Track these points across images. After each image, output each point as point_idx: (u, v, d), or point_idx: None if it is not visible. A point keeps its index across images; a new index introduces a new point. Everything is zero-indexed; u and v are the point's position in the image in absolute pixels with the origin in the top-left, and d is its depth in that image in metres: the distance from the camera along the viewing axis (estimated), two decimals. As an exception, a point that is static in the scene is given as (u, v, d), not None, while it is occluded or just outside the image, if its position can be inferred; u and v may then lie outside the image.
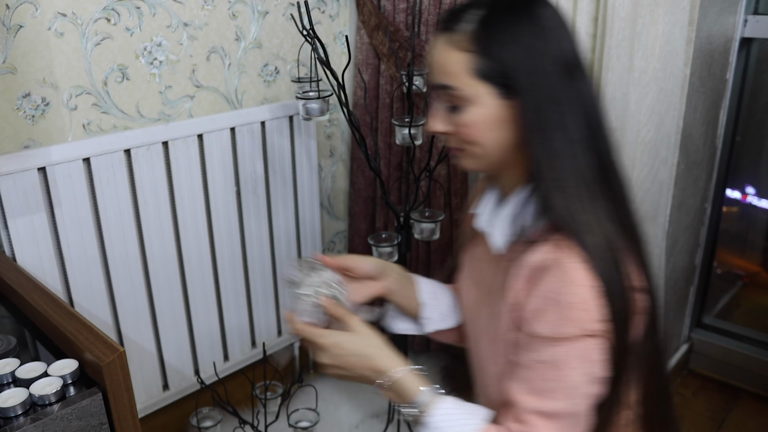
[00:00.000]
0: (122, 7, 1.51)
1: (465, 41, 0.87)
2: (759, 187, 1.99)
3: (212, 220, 1.79)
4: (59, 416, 0.94)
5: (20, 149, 1.43)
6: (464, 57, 0.87)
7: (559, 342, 0.84)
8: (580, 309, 0.82)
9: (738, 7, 1.79)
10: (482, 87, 0.87)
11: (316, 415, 1.83)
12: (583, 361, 0.84)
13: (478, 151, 0.92)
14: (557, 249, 0.84)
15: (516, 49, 0.85)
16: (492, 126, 0.89)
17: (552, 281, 0.83)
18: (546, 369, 0.85)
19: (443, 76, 0.90)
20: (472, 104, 0.88)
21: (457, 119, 0.90)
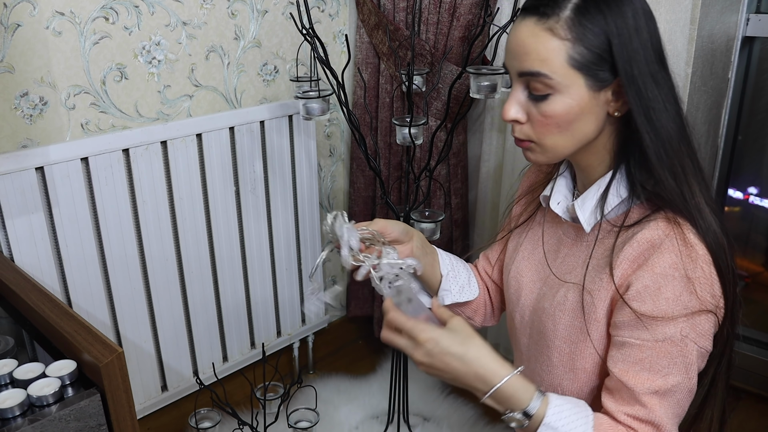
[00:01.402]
0: (121, 6, 1.50)
1: (561, 28, 0.85)
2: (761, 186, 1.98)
3: (211, 220, 1.79)
4: (57, 417, 0.93)
5: (18, 149, 1.42)
6: (560, 45, 0.85)
7: (677, 319, 0.86)
8: (703, 283, 0.85)
9: (740, 6, 1.79)
10: (575, 77, 0.86)
11: (316, 415, 1.83)
12: (700, 335, 0.87)
13: (549, 143, 0.92)
14: (670, 226, 0.87)
15: (612, 38, 0.85)
16: (575, 117, 0.89)
17: (670, 257, 0.86)
18: (663, 346, 0.87)
19: (535, 62, 0.87)
20: (560, 93, 0.87)
21: (540, 108, 0.89)
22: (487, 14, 1.62)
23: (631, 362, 0.89)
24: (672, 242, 0.86)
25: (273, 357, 2.02)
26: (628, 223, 0.92)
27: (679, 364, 0.87)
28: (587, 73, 0.86)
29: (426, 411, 2.01)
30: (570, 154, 0.94)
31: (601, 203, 0.94)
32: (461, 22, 1.75)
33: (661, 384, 0.87)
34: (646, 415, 0.88)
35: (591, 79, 0.87)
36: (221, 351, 1.93)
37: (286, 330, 2.09)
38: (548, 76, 0.86)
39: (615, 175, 0.94)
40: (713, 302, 0.87)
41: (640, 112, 0.87)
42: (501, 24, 1.56)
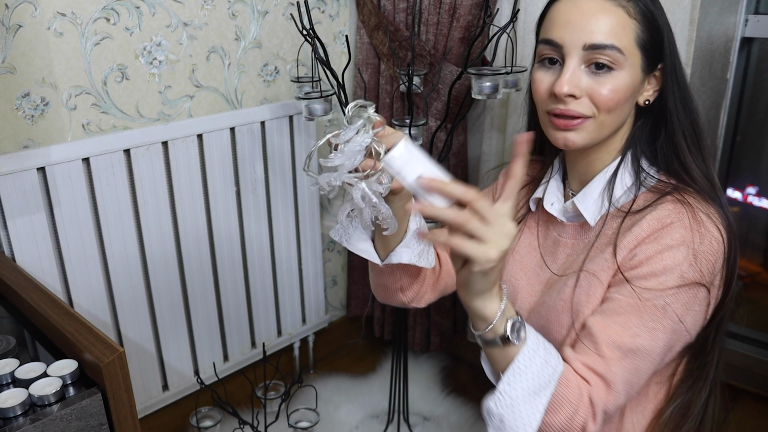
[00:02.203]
0: (122, 7, 1.50)
1: (632, 8, 0.89)
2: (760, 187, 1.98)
3: (212, 220, 1.79)
4: (59, 417, 0.94)
5: (19, 149, 1.43)
6: (630, 22, 0.89)
7: (668, 284, 0.86)
8: (708, 259, 0.87)
9: (739, 7, 1.79)
10: (638, 56, 0.90)
11: (316, 415, 1.83)
12: (685, 308, 0.87)
13: (605, 121, 0.91)
14: (680, 206, 0.89)
15: (663, 23, 0.92)
16: (629, 95, 0.91)
17: (680, 231, 0.87)
18: (642, 306, 0.87)
19: (608, 35, 0.87)
20: (623, 70, 0.89)
21: (603, 82, 0.89)
22: (487, 15, 1.62)
23: (606, 314, 0.88)
24: (682, 219, 0.88)
25: (273, 357, 2.02)
26: (636, 208, 0.93)
27: (651, 329, 0.86)
28: (646, 54, 0.91)
29: (426, 410, 2.01)
30: (609, 134, 0.94)
31: (608, 191, 0.96)
32: (461, 22, 1.75)
33: (627, 341, 0.85)
34: (601, 367, 0.85)
35: (647, 61, 0.91)
36: (222, 350, 1.93)
37: (286, 330, 2.09)
38: (620, 50, 0.88)
39: (621, 164, 0.96)
40: (710, 277, 0.88)
41: (677, 99, 0.93)
42: (501, 25, 1.56)
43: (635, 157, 0.96)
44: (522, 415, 0.80)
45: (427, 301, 1.14)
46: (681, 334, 0.89)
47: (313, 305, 2.16)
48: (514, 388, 0.80)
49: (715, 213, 0.90)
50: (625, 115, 0.94)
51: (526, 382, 0.80)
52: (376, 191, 0.77)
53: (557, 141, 0.94)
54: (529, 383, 0.80)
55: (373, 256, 1.00)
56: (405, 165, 0.75)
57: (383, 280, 1.08)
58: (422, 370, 2.16)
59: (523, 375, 0.80)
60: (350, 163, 0.76)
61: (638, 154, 0.96)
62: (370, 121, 0.77)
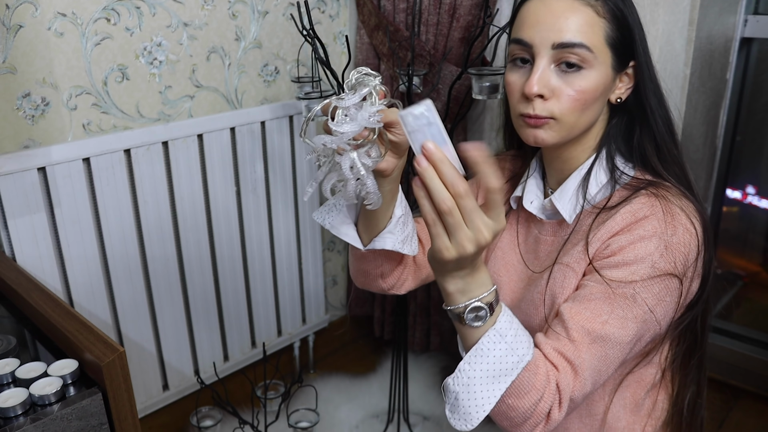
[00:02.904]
0: (122, 7, 1.51)
1: (600, 7, 0.90)
2: (759, 186, 1.99)
3: (212, 220, 1.79)
4: (59, 416, 0.94)
5: (20, 149, 1.43)
6: (599, 21, 0.90)
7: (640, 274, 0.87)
8: (679, 250, 0.87)
9: (738, 7, 1.79)
10: (608, 54, 0.91)
11: (316, 415, 1.83)
12: (656, 299, 0.88)
13: (570, 121, 0.91)
14: (654, 199, 0.90)
15: (634, 21, 0.93)
16: (599, 95, 0.92)
17: (652, 223, 0.88)
18: (613, 294, 0.87)
19: (576, 34, 0.88)
20: (592, 69, 0.90)
21: (571, 81, 0.89)
22: (487, 15, 1.62)
23: (578, 301, 0.88)
24: (655, 212, 0.89)
25: (274, 356, 2.03)
26: (611, 204, 0.93)
27: (621, 318, 0.86)
28: (616, 52, 0.91)
29: (426, 410, 2.01)
30: (576, 135, 0.95)
31: (582, 188, 0.96)
32: (461, 23, 1.76)
33: (597, 328, 0.85)
34: (570, 352, 0.84)
35: (617, 59, 0.91)
36: (222, 350, 1.93)
37: (286, 329, 2.10)
38: (589, 49, 0.88)
39: (596, 161, 0.96)
40: (682, 268, 0.88)
41: (652, 95, 0.95)
42: (500, 25, 1.56)
43: (609, 154, 0.97)
44: (477, 396, 0.79)
45: (407, 288, 1.12)
46: (651, 324, 0.89)
47: (313, 305, 2.16)
48: (473, 369, 0.79)
49: (690, 206, 0.91)
50: (595, 114, 0.94)
51: (486, 365, 0.79)
52: (365, 164, 0.76)
53: (528, 138, 0.94)
54: (489, 367, 0.79)
55: (356, 241, 0.99)
56: (423, 127, 0.71)
57: (364, 265, 1.07)
58: (422, 370, 2.16)
59: (484, 358, 0.79)
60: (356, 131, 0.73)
61: (613, 151, 0.97)
62: (376, 90, 0.75)
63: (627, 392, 1.01)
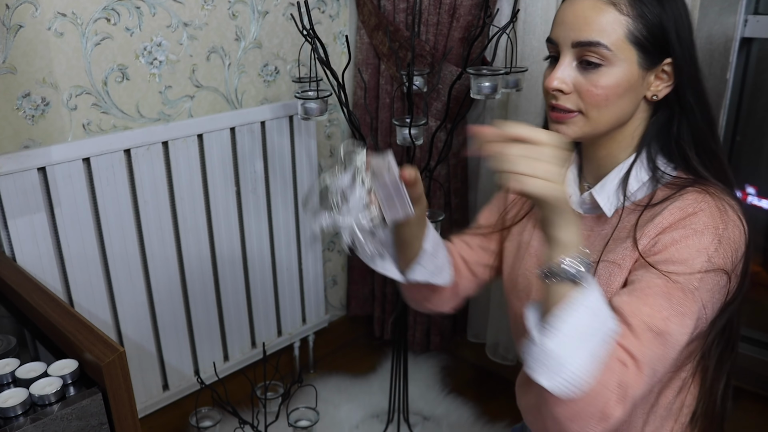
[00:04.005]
0: (122, 7, 1.51)
1: (624, 4, 0.90)
2: (759, 186, 1.98)
3: (212, 219, 1.79)
4: (59, 416, 0.94)
5: (20, 149, 1.43)
6: (621, 18, 0.90)
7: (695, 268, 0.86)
8: (730, 246, 0.88)
9: (738, 7, 1.79)
10: (630, 52, 0.91)
11: (316, 414, 1.83)
12: (709, 294, 0.87)
13: (594, 116, 0.93)
14: (702, 195, 0.90)
15: (670, 17, 0.91)
16: (623, 92, 0.92)
17: (704, 218, 0.88)
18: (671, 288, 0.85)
19: (594, 32, 0.90)
20: (613, 66, 0.91)
21: (591, 78, 0.91)
22: (487, 15, 1.62)
23: (635, 295, 0.86)
24: (706, 207, 0.89)
25: (273, 356, 2.03)
26: (655, 201, 0.93)
27: (680, 314, 0.84)
28: (642, 50, 0.91)
29: (426, 410, 2.01)
30: (605, 132, 0.96)
31: (623, 185, 0.96)
32: (461, 23, 1.76)
33: (659, 324, 0.83)
34: (637, 349, 0.81)
35: (644, 56, 0.91)
36: (222, 350, 1.93)
37: (286, 329, 2.10)
38: (606, 47, 0.90)
39: (636, 160, 0.96)
40: (731, 266, 0.88)
41: (692, 93, 0.94)
42: (500, 25, 1.56)
43: (650, 154, 0.96)
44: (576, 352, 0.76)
45: (451, 307, 1.20)
46: (702, 321, 0.89)
47: (313, 305, 2.16)
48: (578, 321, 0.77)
49: (736, 205, 0.91)
50: (623, 110, 0.94)
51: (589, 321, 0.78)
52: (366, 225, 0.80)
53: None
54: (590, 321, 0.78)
55: (396, 274, 1.08)
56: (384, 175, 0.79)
57: (408, 293, 1.18)
58: (422, 370, 2.16)
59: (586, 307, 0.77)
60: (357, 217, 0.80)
61: (654, 150, 0.96)
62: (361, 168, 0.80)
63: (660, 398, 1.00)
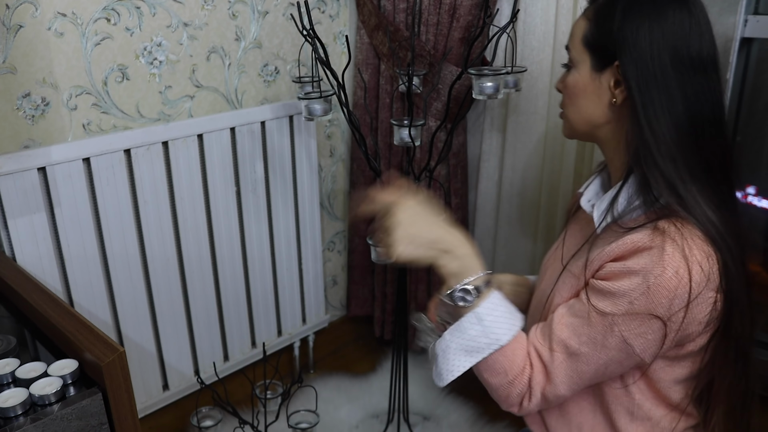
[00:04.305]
0: (122, 7, 1.51)
1: (590, 11, 0.96)
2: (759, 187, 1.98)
3: (212, 220, 1.79)
4: (59, 416, 0.94)
5: (20, 149, 1.43)
6: (583, 23, 0.96)
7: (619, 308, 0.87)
8: (661, 293, 0.84)
9: (738, 7, 1.79)
10: (584, 54, 0.96)
11: (316, 416, 1.83)
12: (634, 334, 0.88)
13: (568, 115, 1.02)
14: (655, 234, 0.87)
15: (625, 20, 0.89)
16: (580, 92, 0.97)
17: (646, 259, 0.86)
18: (594, 317, 0.90)
19: (569, 37, 0.99)
20: (575, 67, 0.98)
21: (563, 78, 1.01)
22: (487, 15, 1.62)
23: (568, 311, 0.94)
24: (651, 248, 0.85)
25: (273, 356, 2.03)
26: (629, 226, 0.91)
27: (596, 342, 0.90)
28: (593, 52, 0.94)
29: (426, 410, 2.01)
30: (584, 133, 1.01)
31: (610, 206, 0.96)
32: (461, 23, 1.75)
33: (573, 345, 0.92)
34: (547, 359, 0.94)
35: (594, 58, 0.94)
36: (222, 350, 1.93)
37: (286, 329, 2.10)
38: (569, 49, 0.98)
39: (627, 180, 0.94)
40: (664, 312, 0.85)
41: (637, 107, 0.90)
42: (501, 25, 1.56)
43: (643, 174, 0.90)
44: (449, 363, 0.95)
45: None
46: (629, 354, 0.90)
47: (313, 305, 2.16)
48: (452, 340, 0.95)
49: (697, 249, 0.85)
50: (586, 111, 0.98)
51: (461, 341, 0.94)
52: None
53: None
54: (464, 342, 0.94)
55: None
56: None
57: None
58: (422, 370, 2.16)
59: (462, 333, 0.94)
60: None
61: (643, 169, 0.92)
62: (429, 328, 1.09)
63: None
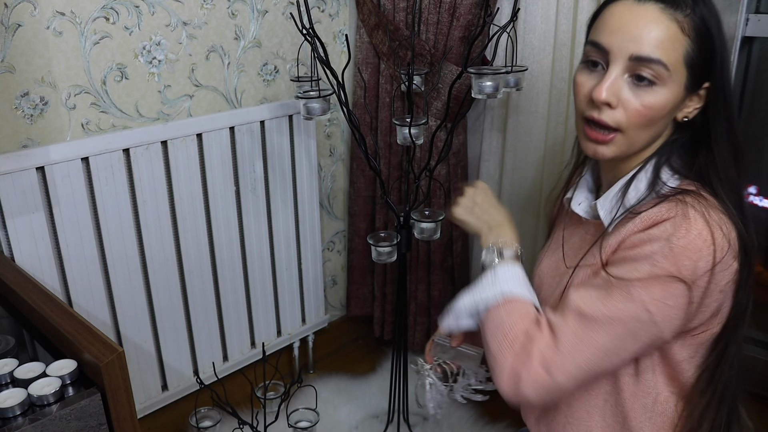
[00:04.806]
0: (121, 6, 1.50)
1: (687, 24, 0.87)
2: (761, 186, 1.98)
3: (211, 219, 1.79)
4: (58, 417, 0.94)
5: (19, 148, 1.42)
6: (683, 39, 0.87)
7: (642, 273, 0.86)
8: (686, 255, 0.84)
9: (739, 6, 1.79)
10: (683, 73, 0.89)
11: (316, 415, 1.83)
12: (654, 299, 0.86)
13: (634, 136, 0.92)
14: (677, 204, 0.87)
15: (720, 42, 0.90)
16: (667, 113, 0.91)
17: (665, 225, 0.86)
18: (612, 284, 0.88)
19: (657, 49, 0.87)
20: (665, 86, 0.88)
21: (642, 96, 0.89)
22: (487, 14, 1.62)
23: (586, 285, 0.94)
24: (671, 215, 0.86)
25: (273, 356, 2.02)
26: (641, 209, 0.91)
27: (614, 308, 0.87)
28: (693, 72, 0.89)
29: (426, 410, 2.01)
30: (639, 150, 0.95)
31: (622, 194, 0.96)
32: (461, 22, 1.75)
33: (588, 310, 0.89)
34: (556, 321, 0.92)
35: (692, 79, 0.89)
36: (221, 350, 1.93)
37: (286, 329, 2.09)
38: (666, 66, 0.87)
39: (640, 171, 0.95)
40: (689, 274, 0.84)
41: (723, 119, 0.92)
42: (501, 24, 1.56)
43: (657, 166, 0.95)
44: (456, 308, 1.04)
45: None
46: (647, 324, 0.87)
47: (312, 305, 2.16)
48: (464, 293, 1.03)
49: (722, 220, 0.87)
50: (659, 130, 0.93)
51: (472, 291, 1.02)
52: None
53: (587, 150, 0.96)
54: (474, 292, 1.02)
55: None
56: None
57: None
58: (422, 370, 2.16)
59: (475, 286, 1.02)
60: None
61: (661, 163, 0.95)
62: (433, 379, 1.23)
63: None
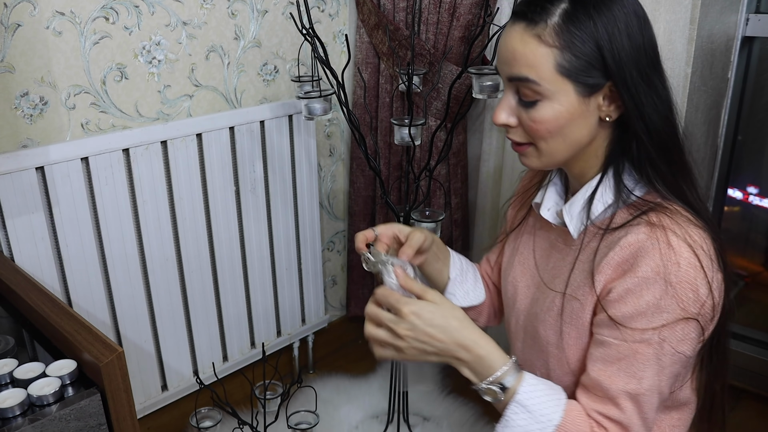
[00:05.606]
0: (121, 6, 1.50)
1: (548, 35, 0.85)
2: (761, 186, 1.98)
3: (211, 219, 1.79)
4: (57, 417, 0.94)
5: (18, 148, 1.42)
6: (548, 51, 0.85)
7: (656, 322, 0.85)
8: (685, 288, 0.84)
9: (740, 6, 1.79)
10: (563, 83, 0.86)
11: (316, 417, 1.83)
12: (679, 340, 0.86)
13: (543, 148, 0.92)
14: (653, 229, 0.86)
15: (602, 44, 0.85)
16: (565, 123, 0.89)
17: (653, 260, 0.84)
18: (639, 347, 0.87)
19: (523, 68, 0.87)
20: (549, 99, 0.87)
21: (529, 113, 0.89)
22: (487, 14, 1.62)
23: (608, 362, 0.89)
24: (655, 246, 0.85)
25: (273, 357, 2.02)
26: (613, 226, 0.91)
27: (654, 366, 0.87)
28: (576, 79, 0.86)
29: (426, 410, 2.01)
30: (566, 159, 0.94)
31: (587, 208, 0.94)
32: (461, 22, 1.75)
33: (635, 387, 0.87)
34: (618, 415, 0.89)
35: (580, 85, 0.87)
36: (221, 350, 1.93)
37: (286, 330, 2.09)
38: (536, 83, 0.86)
39: (602, 180, 0.94)
40: (696, 308, 0.85)
41: (636, 115, 0.88)
42: (501, 24, 1.56)
43: (617, 172, 0.93)
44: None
45: (500, 319, 1.27)
46: (682, 360, 0.89)
47: (312, 305, 2.16)
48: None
49: (696, 234, 0.86)
50: (573, 139, 0.91)
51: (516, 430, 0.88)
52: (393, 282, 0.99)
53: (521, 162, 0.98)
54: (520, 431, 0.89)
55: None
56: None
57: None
58: (422, 370, 2.16)
59: (511, 428, 0.88)
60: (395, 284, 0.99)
61: (621, 170, 0.93)
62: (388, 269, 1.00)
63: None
